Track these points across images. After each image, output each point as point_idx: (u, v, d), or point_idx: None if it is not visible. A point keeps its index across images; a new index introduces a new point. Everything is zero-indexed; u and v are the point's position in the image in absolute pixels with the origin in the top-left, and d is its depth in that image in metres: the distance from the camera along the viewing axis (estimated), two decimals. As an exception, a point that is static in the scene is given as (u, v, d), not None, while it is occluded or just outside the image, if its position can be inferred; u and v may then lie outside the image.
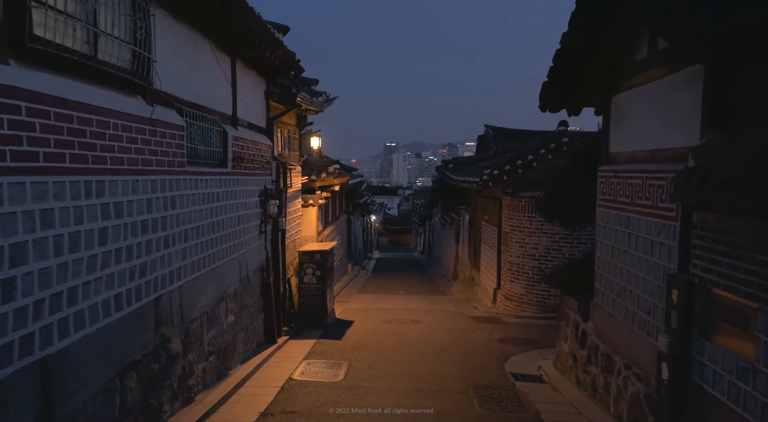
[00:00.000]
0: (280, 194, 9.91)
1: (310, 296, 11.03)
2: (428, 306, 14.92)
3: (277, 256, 9.81)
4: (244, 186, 7.99)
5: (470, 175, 15.27)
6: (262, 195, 8.88)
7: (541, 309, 12.48)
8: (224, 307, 7.01)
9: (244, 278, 7.94)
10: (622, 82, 6.03)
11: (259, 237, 8.78)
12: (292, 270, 11.53)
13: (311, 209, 14.91)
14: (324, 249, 11.12)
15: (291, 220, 11.59)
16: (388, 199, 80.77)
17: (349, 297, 16.73)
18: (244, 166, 7.97)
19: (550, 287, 12.24)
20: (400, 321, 11.98)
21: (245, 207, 8.02)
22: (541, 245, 12.52)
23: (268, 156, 9.36)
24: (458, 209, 22.36)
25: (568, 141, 13.00)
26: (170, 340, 5.25)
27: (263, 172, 9.06)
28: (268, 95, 9.62)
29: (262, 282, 8.91)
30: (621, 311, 5.65)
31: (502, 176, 13.16)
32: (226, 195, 7.18)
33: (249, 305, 8.16)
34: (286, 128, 11.67)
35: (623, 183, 5.72)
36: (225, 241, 7.11)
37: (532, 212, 12.65)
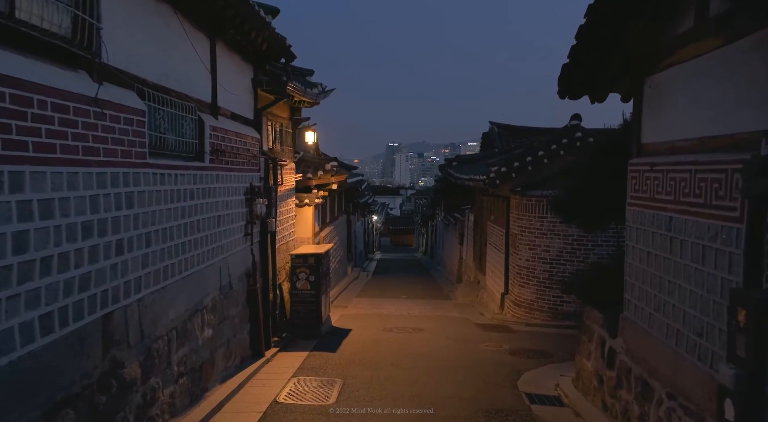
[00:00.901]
0: (269, 192, 9.05)
1: (303, 303, 10.17)
2: (431, 311, 14.05)
3: (266, 260, 8.96)
4: (226, 182, 7.14)
5: (476, 173, 14.40)
6: (248, 193, 8.03)
7: (553, 317, 11.60)
8: (200, 320, 6.16)
9: (225, 286, 7.09)
10: (659, 60, 5.15)
11: (244, 239, 7.93)
12: (284, 274, 10.69)
13: (307, 209, 14.06)
14: (318, 252, 10.27)
15: (283, 221, 10.73)
16: (390, 198, 79.95)
17: (347, 301, 15.87)
18: (226, 160, 7.12)
19: (567, 295, 11.36)
20: (402, 330, 11.12)
21: (227, 206, 7.17)
22: (552, 248, 11.65)
23: (255, 150, 8.51)
24: (462, 209, 21.50)
25: (581, 136, 12.12)
26: (124, 365, 4.39)
27: (250, 167, 8.21)
28: (255, 84, 8.76)
29: (248, 290, 8.06)
30: (661, 329, 4.78)
31: (510, 174, 12.29)
32: (204, 192, 6.33)
33: (231, 316, 7.31)
34: (278, 121, 10.82)
35: (663, 177, 4.85)
36: (202, 245, 6.26)
37: (543, 212, 11.78)
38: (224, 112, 7.40)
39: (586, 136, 12.06)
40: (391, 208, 76.51)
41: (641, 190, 5.32)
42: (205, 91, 6.71)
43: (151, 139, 5.07)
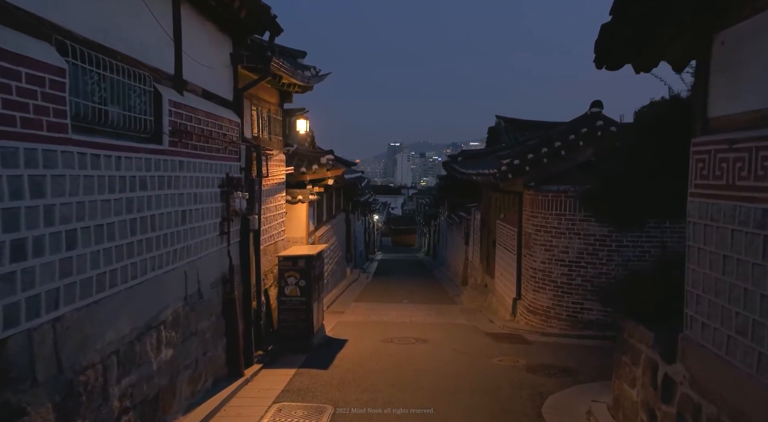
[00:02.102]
0: (251, 185, 7.89)
1: (292, 311, 9.00)
2: (436, 318, 12.87)
3: (248, 263, 7.78)
4: (195, 171, 5.97)
5: (484, 168, 13.22)
6: (224, 185, 6.86)
7: (572, 325, 10.41)
8: (154, 339, 4.99)
9: (193, 294, 5.92)
10: (738, 6, 3.97)
11: (219, 239, 6.76)
12: (271, 279, 9.52)
13: (300, 206, 12.90)
14: (309, 254, 9.09)
15: (270, 219, 9.57)
16: (391, 198, 78.89)
17: (345, 306, 14.70)
18: (195, 144, 5.96)
19: (588, 302, 10.19)
20: (404, 341, 9.94)
21: (196, 199, 6.01)
22: (572, 248, 10.46)
23: (234, 136, 7.35)
24: (468, 207, 20.32)
25: (602, 125, 10.92)
26: (26, 411, 3.22)
27: (227, 155, 7.04)
28: (235, 59, 7.59)
29: (224, 298, 6.89)
30: (747, 358, 3.60)
31: (523, 167, 11.09)
32: (162, 181, 5.17)
33: (201, 330, 6.14)
34: (265, 107, 9.65)
35: (749, 158, 3.66)
36: (159, 246, 5.10)
37: (561, 208, 10.60)
38: (193, 88, 6.23)
39: (608, 124, 10.87)
40: (393, 208, 75.42)
41: (712, 176, 4.13)
42: (165, 60, 5.54)
43: (79, 109, 3.90)
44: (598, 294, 6.64)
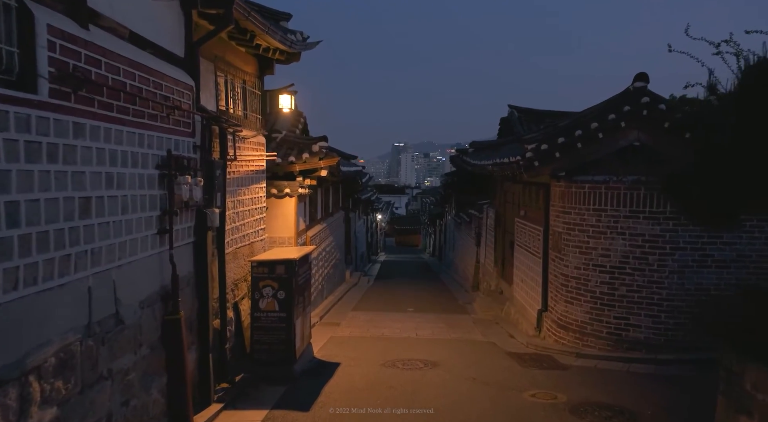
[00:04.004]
0: (211, 169, 6.05)
1: (268, 330, 7.15)
2: (446, 332, 11.00)
3: (205, 271, 5.94)
4: (107, 141, 4.13)
5: (503, 156, 11.33)
6: (163, 165, 5.02)
7: (615, 346, 8.52)
8: (13, 397, 3.14)
9: (104, 320, 4.07)
10: None
11: (155, 240, 4.92)
12: (245, 289, 7.68)
13: (288, 201, 11.07)
14: (290, 259, 7.23)
15: (244, 214, 7.73)
16: (395, 197, 77.18)
17: (341, 316, 12.84)
18: (108, 103, 4.12)
19: (634, 317, 8.29)
20: (409, 364, 8.08)
21: (110, 183, 4.16)
22: (614, 251, 8.58)
23: (184, 103, 5.51)
24: (479, 204, 18.44)
25: (649, 102, 9.00)
26: None
27: (170, 127, 5.20)
28: (186, 3, 5.74)
29: (164, 321, 5.05)
30: None
31: (553, 153, 9.17)
32: (36, 151, 3.33)
33: (121, 370, 4.29)
34: (239, 76, 7.81)
35: None
36: (28, 251, 3.26)
37: (601, 203, 8.73)
38: (112, 26, 4.39)
39: (655, 101, 8.96)
40: (397, 208, 73.70)
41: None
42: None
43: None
44: (694, 317, 4.74)
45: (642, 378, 7.34)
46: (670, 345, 8.24)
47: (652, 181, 8.41)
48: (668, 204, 8.19)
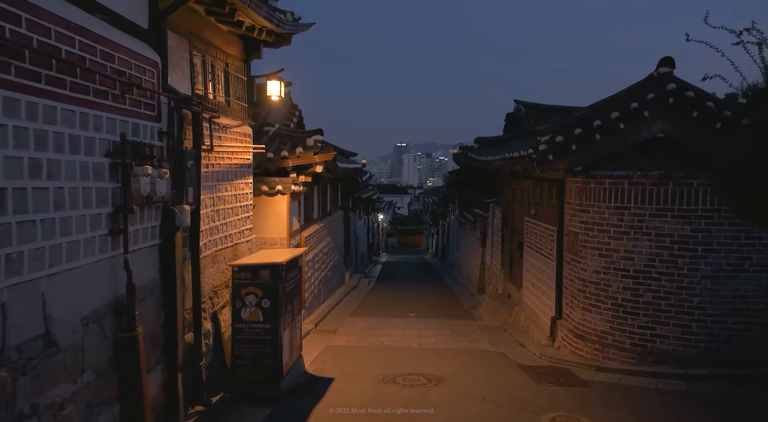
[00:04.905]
0: (181, 160, 5.22)
1: (251, 343, 6.32)
2: (451, 341, 10.15)
3: (173, 278, 5.11)
4: (34, 120, 3.31)
5: (512, 151, 10.48)
6: (115, 152, 4.19)
7: (640, 359, 7.66)
8: None
9: (26, 344, 3.24)
10: None
11: (105, 242, 4.09)
12: (227, 296, 6.85)
13: (280, 199, 10.27)
14: (276, 263, 6.38)
15: (225, 212, 6.90)
16: (397, 197, 76.43)
17: (338, 322, 12.01)
18: (32, 71, 3.29)
19: (661, 326, 7.43)
20: (411, 380, 7.25)
21: (36, 172, 3.34)
22: (639, 253, 7.72)
23: (146, 81, 4.68)
24: (485, 203, 17.59)
25: (676, 89, 8.14)
26: None
27: (126, 108, 4.38)
28: (150, -36, 4.93)
29: (117, 340, 4.22)
30: None
31: (568, 145, 8.31)
32: None
33: (52, 404, 3.46)
34: (221, 58, 6.98)
35: None
36: None
37: (624, 200, 7.88)
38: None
39: (682, 88, 8.09)
40: (399, 208, 72.91)
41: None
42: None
43: None
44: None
45: (673, 398, 6.50)
46: (702, 358, 7.38)
47: (681, 175, 7.58)
48: (701, 201, 7.35)
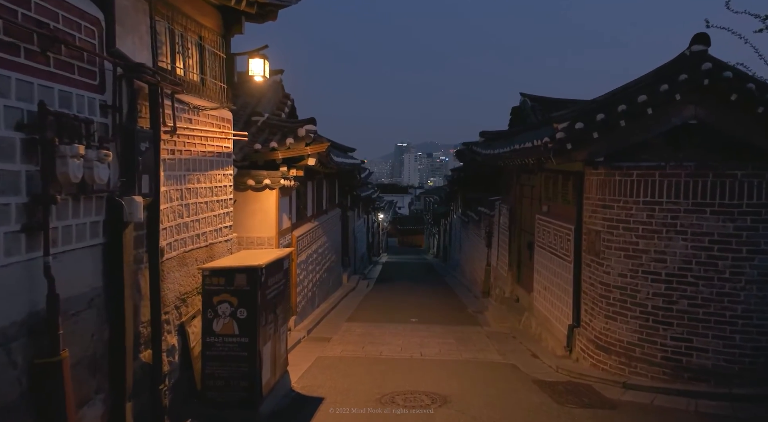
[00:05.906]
0: (132, 140, 4.28)
1: (225, 360, 5.37)
2: (456, 350, 9.20)
3: (120, 284, 4.16)
4: None
5: (523, 142, 9.54)
6: (30, 125, 3.25)
7: (674, 374, 6.71)
8: None
9: None
10: None
11: (16, 242, 3.15)
12: (198, 304, 5.90)
13: (268, 194, 9.34)
14: (254, 266, 5.43)
15: (198, 207, 5.95)
16: (398, 197, 75.49)
17: (333, 329, 11.06)
18: None
19: (698, 336, 6.48)
20: (411, 399, 6.30)
21: None
22: (672, 254, 6.78)
23: (79, 38, 3.74)
24: (490, 201, 16.65)
25: (711, 69, 7.17)
26: None
27: (46, 69, 3.44)
28: None
29: (32, 368, 3.27)
30: None
31: (589, 133, 7.35)
32: None
33: None
34: (191, 28, 6.04)
35: None
36: None
37: (654, 194, 6.94)
38: None
39: (719, 68, 7.13)
40: (399, 207, 72.00)
41: None
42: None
43: None
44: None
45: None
46: (747, 375, 6.44)
47: (723, 165, 6.64)
48: (746, 194, 6.40)
